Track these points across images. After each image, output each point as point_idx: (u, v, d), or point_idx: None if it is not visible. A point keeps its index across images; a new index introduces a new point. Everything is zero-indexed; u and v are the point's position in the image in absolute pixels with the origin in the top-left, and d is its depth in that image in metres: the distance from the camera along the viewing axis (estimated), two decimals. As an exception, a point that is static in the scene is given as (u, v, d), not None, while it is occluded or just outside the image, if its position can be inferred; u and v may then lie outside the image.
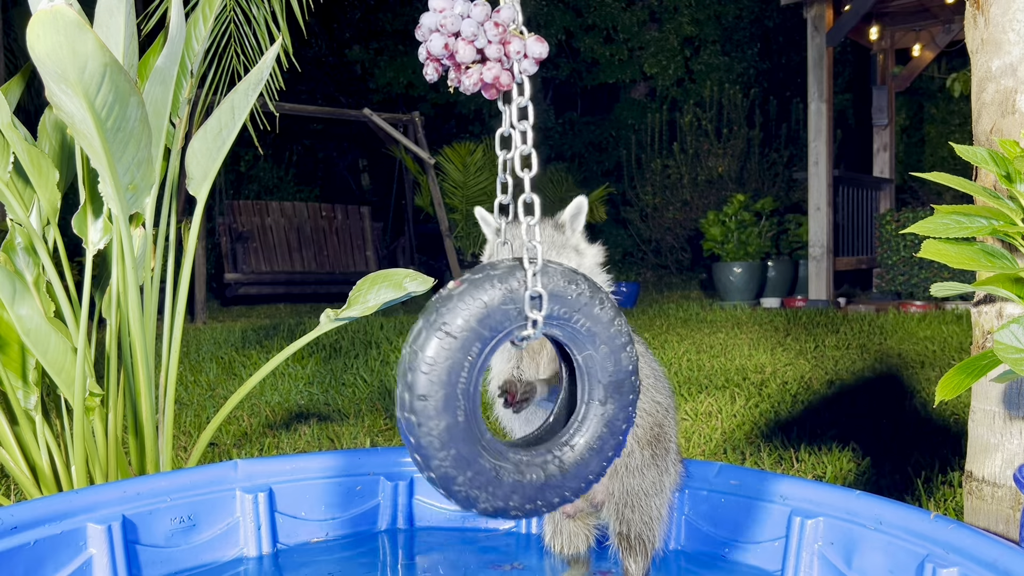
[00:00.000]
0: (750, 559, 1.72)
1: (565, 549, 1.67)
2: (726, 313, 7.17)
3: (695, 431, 3.00)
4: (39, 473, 2.09)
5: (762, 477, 1.76)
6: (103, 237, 2.10)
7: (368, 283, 2.10)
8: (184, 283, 2.21)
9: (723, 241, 8.80)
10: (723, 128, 11.52)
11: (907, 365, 4.32)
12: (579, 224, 1.53)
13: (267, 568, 1.77)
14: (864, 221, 8.95)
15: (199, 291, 7.96)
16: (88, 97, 1.62)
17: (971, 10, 1.66)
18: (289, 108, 8.63)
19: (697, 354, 4.81)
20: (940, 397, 1.32)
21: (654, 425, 1.59)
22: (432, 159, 9.49)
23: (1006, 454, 1.58)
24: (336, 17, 14.56)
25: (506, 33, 1.14)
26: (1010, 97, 1.58)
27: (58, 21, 1.48)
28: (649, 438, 1.58)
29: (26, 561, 1.49)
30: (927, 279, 7.62)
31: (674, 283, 11.51)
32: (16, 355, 2.03)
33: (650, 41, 14.15)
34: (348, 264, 10.68)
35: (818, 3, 7.88)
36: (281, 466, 1.89)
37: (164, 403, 2.21)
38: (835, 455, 2.63)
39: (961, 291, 1.43)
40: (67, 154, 2.19)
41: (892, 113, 9.09)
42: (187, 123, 2.28)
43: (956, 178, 1.43)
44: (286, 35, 2.55)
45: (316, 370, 4.46)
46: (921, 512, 1.48)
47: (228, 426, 3.29)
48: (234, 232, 9.91)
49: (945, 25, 8.56)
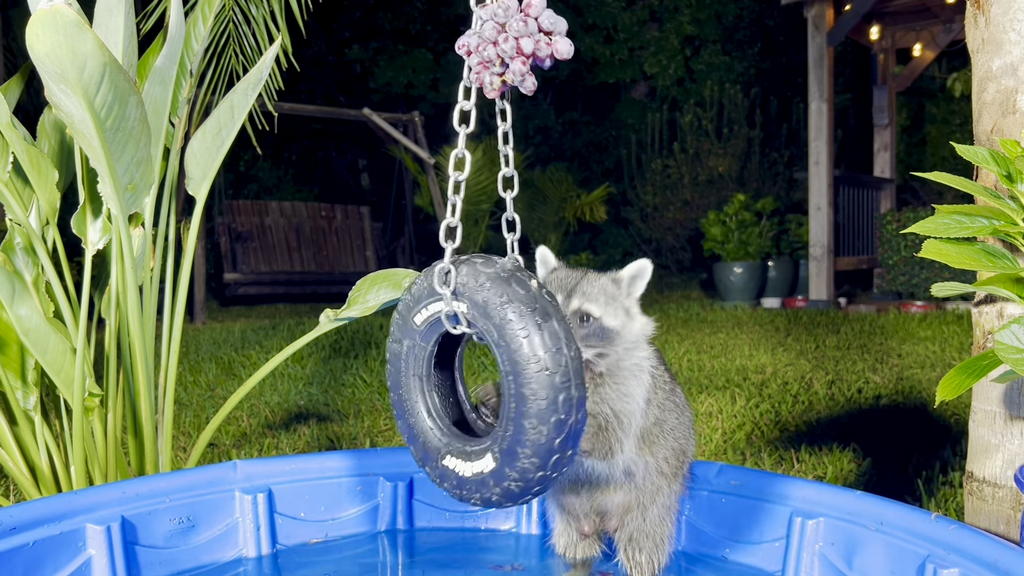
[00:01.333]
0: (751, 559, 1.72)
1: (578, 555, 1.68)
2: (726, 313, 7.16)
3: (695, 431, 3.00)
4: (38, 473, 2.09)
5: (763, 477, 1.76)
6: (102, 237, 2.09)
7: (368, 283, 2.09)
8: (183, 283, 2.21)
9: (723, 241, 8.79)
10: (723, 128, 11.51)
11: (907, 365, 4.31)
12: (637, 288, 1.47)
13: (266, 569, 1.76)
14: (865, 221, 8.95)
15: (198, 291, 7.96)
16: (87, 97, 1.62)
17: (972, 10, 1.66)
18: (289, 108, 8.63)
19: (697, 354, 4.81)
20: (941, 397, 1.31)
21: (680, 453, 1.58)
22: (432, 159, 9.49)
23: (1007, 454, 1.58)
24: (336, 17, 14.56)
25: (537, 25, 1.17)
26: (1011, 97, 1.58)
27: (57, 21, 1.48)
28: (675, 471, 1.57)
29: (25, 562, 1.49)
30: (928, 279, 7.62)
31: (674, 283, 11.51)
32: (15, 355, 2.02)
33: (650, 41, 14.15)
34: (348, 264, 10.68)
35: (819, 3, 7.87)
36: (280, 467, 1.88)
37: (163, 403, 2.20)
38: (836, 455, 2.63)
39: (962, 291, 1.43)
40: (66, 154, 2.18)
41: (893, 113, 9.09)
42: (186, 123, 2.28)
43: (957, 178, 1.43)
44: (285, 35, 2.55)
45: (316, 370, 4.46)
46: (922, 512, 1.48)
47: (227, 426, 3.29)
48: (233, 232, 9.91)
49: (946, 25, 8.55)
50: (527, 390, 1.21)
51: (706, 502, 1.80)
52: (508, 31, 1.18)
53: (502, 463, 1.26)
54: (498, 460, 1.26)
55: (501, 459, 1.26)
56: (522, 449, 1.23)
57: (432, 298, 1.31)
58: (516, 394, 1.22)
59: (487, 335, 1.24)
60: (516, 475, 1.25)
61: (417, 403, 1.38)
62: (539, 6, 1.19)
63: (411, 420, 1.39)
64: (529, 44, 1.20)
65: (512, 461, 1.25)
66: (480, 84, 1.26)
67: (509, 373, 1.22)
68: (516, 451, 1.24)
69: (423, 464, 1.39)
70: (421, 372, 1.37)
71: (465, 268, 1.27)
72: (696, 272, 11.76)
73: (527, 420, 1.22)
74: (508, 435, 1.24)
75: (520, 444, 1.23)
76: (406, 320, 1.37)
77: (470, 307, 1.26)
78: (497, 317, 1.22)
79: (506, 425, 1.24)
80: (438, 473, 1.36)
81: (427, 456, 1.37)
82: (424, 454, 1.38)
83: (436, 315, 1.31)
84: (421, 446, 1.38)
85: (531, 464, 1.24)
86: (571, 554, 1.67)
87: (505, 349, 1.22)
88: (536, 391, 1.21)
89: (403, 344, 1.38)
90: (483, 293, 1.23)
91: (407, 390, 1.38)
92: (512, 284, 1.23)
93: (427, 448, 1.37)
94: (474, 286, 1.25)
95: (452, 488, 1.35)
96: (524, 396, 1.22)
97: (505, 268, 1.26)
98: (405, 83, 14.42)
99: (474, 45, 1.24)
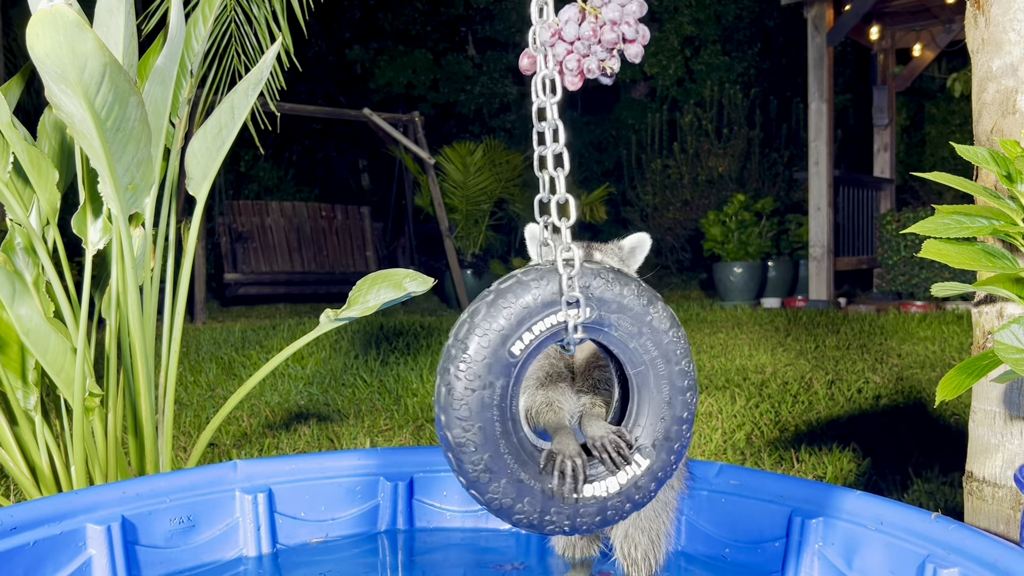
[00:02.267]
0: (750, 559, 1.72)
1: (577, 555, 1.68)
2: (726, 313, 7.16)
3: (695, 431, 3.00)
4: (39, 473, 2.09)
5: (763, 477, 1.76)
6: (103, 237, 2.09)
7: (368, 283, 2.10)
8: (184, 283, 2.21)
9: (723, 241, 8.79)
10: (723, 128, 11.51)
11: (907, 365, 4.31)
12: (636, 259, 1.56)
13: (267, 568, 1.76)
14: (864, 221, 8.95)
15: (199, 291, 7.96)
16: (88, 97, 1.62)
17: (972, 10, 1.66)
18: (289, 108, 8.62)
19: (697, 354, 4.81)
20: (940, 397, 1.31)
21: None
22: (432, 159, 9.49)
23: (1006, 454, 1.58)
24: (336, 17, 14.55)
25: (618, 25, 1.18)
26: (1011, 97, 1.58)
27: (58, 21, 1.48)
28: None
29: (26, 562, 1.49)
30: (928, 279, 7.62)
31: (674, 283, 11.51)
32: (16, 355, 2.03)
33: (650, 41, 14.15)
34: (348, 264, 10.68)
35: (818, 3, 7.87)
36: (281, 466, 1.88)
37: (164, 403, 2.20)
38: (835, 455, 2.63)
39: (962, 291, 1.43)
40: (67, 154, 2.18)
41: (893, 113, 9.09)
42: (187, 123, 2.28)
43: (957, 178, 1.43)
44: (286, 35, 2.55)
45: (316, 370, 4.46)
46: (922, 512, 1.48)
47: (228, 426, 3.29)
48: (234, 232, 9.91)
49: (946, 25, 8.55)
50: (680, 367, 1.20)
51: (706, 502, 1.80)
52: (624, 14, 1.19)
53: (659, 453, 1.22)
54: (653, 453, 1.22)
55: (658, 449, 1.22)
56: (682, 426, 1.22)
57: (541, 315, 1.14)
58: (667, 375, 1.20)
59: (618, 331, 1.18)
60: (675, 457, 1.23)
61: (518, 450, 1.17)
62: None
63: (519, 474, 1.16)
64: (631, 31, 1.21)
65: (671, 444, 1.22)
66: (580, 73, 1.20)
67: (658, 358, 1.19)
68: (675, 431, 1.22)
69: (542, 515, 1.17)
70: (509, 410, 1.15)
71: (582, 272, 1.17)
72: (696, 272, 11.75)
73: (685, 394, 1.21)
74: (664, 420, 1.21)
75: (679, 422, 1.22)
76: (499, 355, 1.12)
77: (596, 307, 1.16)
78: (637, 306, 1.18)
79: (656, 413, 1.21)
80: (569, 514, 1.18)
81: (548, 503, 1.18)
82: (544, 502, 1.17)
83: (545, 333, 1.15)
84: (540, 495, 1.17)
85: (687, 437, 1.23)
86: (570, 554, 1.68)
87: (650, 336, 1.19)
88: (689, 362, 1.21)
89: (495, 388, 1.12)
90: (617, 289, 1.17)
91: (507, 443, 1.15)
92: (623, 274, 1.20)
93: (545, 494, 1.18)
94: (601, 285, 1.16)
95: (591, 519, 1.19)
96: (678, 373, 1.20)
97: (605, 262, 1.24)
98: (405, 83, 14.41)
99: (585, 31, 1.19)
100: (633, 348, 1.19)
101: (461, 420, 1.12)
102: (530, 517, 1.17)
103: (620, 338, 1.19)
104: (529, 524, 1.18)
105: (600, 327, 1.17)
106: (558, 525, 1.18)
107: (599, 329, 1.18)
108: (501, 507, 1.16)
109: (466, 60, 14.67)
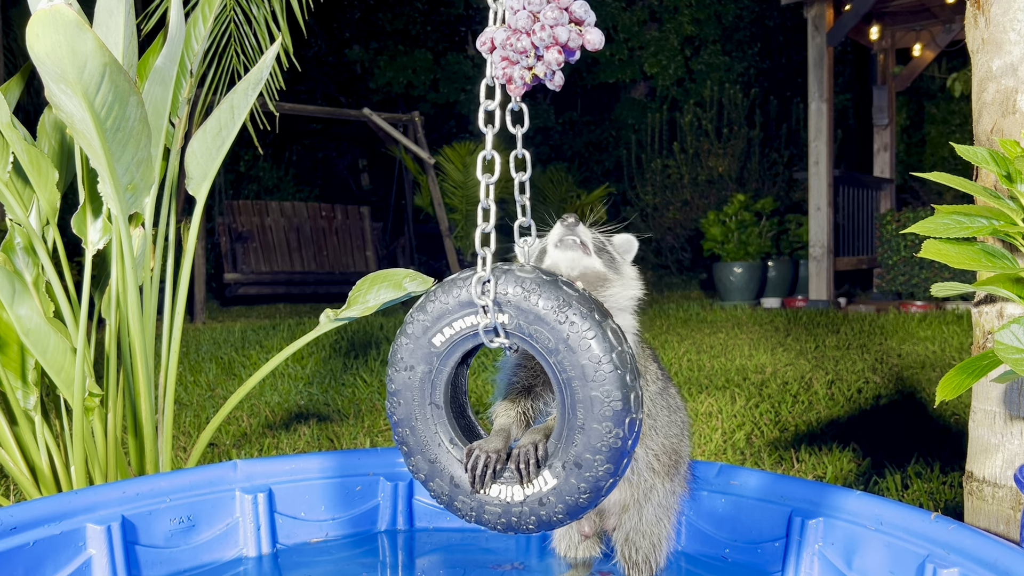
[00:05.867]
0: (750, 559, 1.72)
1: (578, 555, 1.68)
2: (726, 313, 7.16)
3: (695, 432, 3.00)
4: (38, 473, 2.09)
5: (762, 477, 1.76)
6: (102, 237, 2.09)
7: (368, 283, 2.10)
8: (183, 283, 2.21)
9: (723, 241, 8.79)
10: (723, 128, 11.51)
11: (907, 365, 4.31)
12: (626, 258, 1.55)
13: (267, 568, 1.76)
14: (864, 221, 8.95)
15: (199, 291, 7.96)
16: (87, 97, 1.62)
17: (972, 10, 1.66)
18: (289, 108, 8.62)
19: (697, 354, 4.81)
20: (940, 397, 1.31)
21: (671, 452, 1.58)
22: (432, 159, 9.49)
23: (1006, 454, 1.58)
24: (336, 17, 14.56)
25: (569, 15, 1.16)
26: (1011, 97, 1.58)
27: (57, 21, 1.48)
28: (667, 469, 1.57)
29: (26, 562, 1.49)
30: (928, 279, 7.62)
31: (674, 283, 11.51)
32: (15, 355, 2.02)
33: (650, 41, 14.15)
34: (348, 264, 10.68)
35: (818, 3, 7.87)
36: (280, 466, 1.88)
37: (163, 403, 2.20)
38: (835, 455, 2.63)
39: (962, 291, 1.43)
40: (67, 154, 2.18)
41: (892, 113, 9.09)
42: (187, 123, 2.28)
43: (957, 178, 1.43)
44: (286, 35, 2.55)
45: (316, 370, 4.46)
46: (922, 512, 1.48)
47: (228, 426, 3.29)
48: (234, 232, 9.91)
49: (946, 25, 8.55)
50: (599, 392, 1.14)
51: (706, 502, 1.80)
52: (543, 20, 1.15)
53: (568, 476, 1.18)
54: (562, 475, 1.19)
55: (567, 473, 1.18)
56: (595, 456, 1.16)
57: (458, 314, 1.21)
58: (584, 399, 1.15)
59: (537, 343, 1.16)
60: (586, 486, 1.17)
61: (437, 434, 1.27)
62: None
63: (431, 454, 1.27)
64: (565, 33, 1.14)
65: (582, 472, 1.17)
66: (507, 80, 1.18)
67: (574, 379, 1.15)
68: (586, 460, 1.16)
69: (451, 500, 1.27)
70: (439, 399, 1.26)
71: (502, 276, 1.18)
72: (696, 272, 11.75)
73: (601, 424, 1.14)
74: (575, 445, 1.16)
75: (592, 451, 1.16)
76: (421, 343, 1.24)
77: (514, 316, 1.17)
78: (555, 321, 1.14)
79: (570, 435, 1.17)
80: (473, 506, 1.25)
81: (456, 490, 1.27)
82: (452, 488, 1.27)
83: (464, 332, 1.21)
84: (448, 480, 1.27)
85: (605, 471, 1.17)
86: (572, 555, 1.68)
87: (567, 354, 1.14)
88: (610, 391, 1.14)
89: (416, 371, 1.25)
90: (533, 299, 1.15)
91: (423, 422, 1.27)
92: (562, 287, 1.16)
93: (455, 481, 1.26)
94: (519, 294, 1.16)
95: (495, 519, 1.24)
96: (594, 399, 1.14)
97: (547, 272, 1.20)
98: (405, 83, 14.42)
99: (501, 38, 1.17)
100: (554, 363, 1.16)
101: (391, 395, 1.29)
102: (441, 496, 1.28)
103: (541, 350, 1.17)
104: (444, 504, 1.29)
105: (522, 335, 1.18)
106: (465, 513, 1.27)
107: (522, 337, 1.18)
108: (418, 479, 1.30)
109: (466, 60, 14.66)
